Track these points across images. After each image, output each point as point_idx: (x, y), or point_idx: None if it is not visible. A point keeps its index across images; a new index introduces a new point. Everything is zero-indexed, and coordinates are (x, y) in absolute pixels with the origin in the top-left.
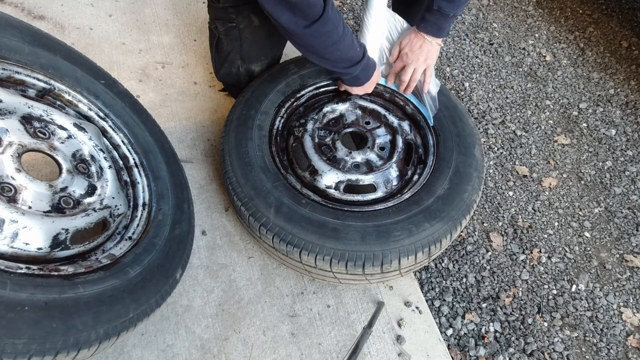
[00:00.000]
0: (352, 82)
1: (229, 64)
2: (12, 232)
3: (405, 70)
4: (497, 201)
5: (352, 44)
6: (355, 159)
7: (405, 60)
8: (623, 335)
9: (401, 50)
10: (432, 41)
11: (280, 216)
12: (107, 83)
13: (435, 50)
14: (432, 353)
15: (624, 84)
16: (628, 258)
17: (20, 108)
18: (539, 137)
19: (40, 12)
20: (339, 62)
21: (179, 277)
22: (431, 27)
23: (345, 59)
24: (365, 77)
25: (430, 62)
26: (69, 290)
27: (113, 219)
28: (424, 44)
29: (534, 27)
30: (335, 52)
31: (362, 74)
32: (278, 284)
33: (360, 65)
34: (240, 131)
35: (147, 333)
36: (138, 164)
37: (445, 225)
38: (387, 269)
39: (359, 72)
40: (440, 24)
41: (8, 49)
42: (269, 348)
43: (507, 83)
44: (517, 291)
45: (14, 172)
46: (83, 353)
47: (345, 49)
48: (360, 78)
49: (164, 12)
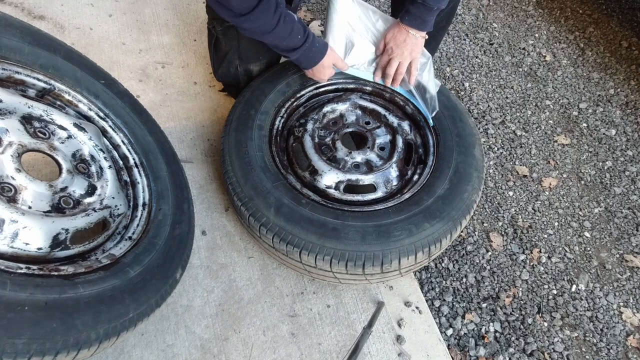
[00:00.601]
0: (299, 64)
1: (227, 63)
2: (12, 232)
3: (390, 64)
4: (497, 201)
5: (288, 34)
6: (355, 159)
7: (390, 54)
8: (623, 335)
9: (386, 45)
10: (416, 34)
11: (280, 216)
12: (107, 83)
13: (419, 44)
14: (432, 353)
15: (624, 84)
16: (628, 258)
17: (20, 108)
18: (539, 137)
19: (40, 12)
20: (277, 47)
21: (179, 277)
22: (415, 20)
23: (281, 46)
24: (308, 62)
25: (415, 56)
26: (69, 290)
27: (113, 219)
28: (408, 37)
29: (534, 27)
30: (270, 40)
31: (303, 59)
32: (278, 284)
33: (298, 52)
34: (240, 131)
35: (147, 333)
36: (138, 164)
37: (445, 225)
38: (387, 269)
39: (299, 56)
40: (424, 17)
41: (8, 49)
42: (269, 348)
43: (507, 83)
44: (517, 291)
45: (14, 172)
46: (83, 353)
47: (280, 38)
48: (302, 62)
49: (164, 12)
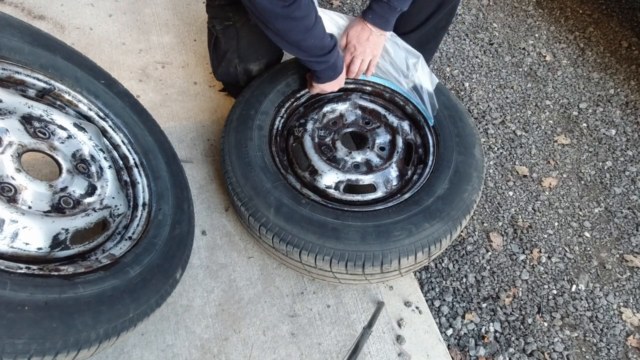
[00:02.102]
0: (328, 73)
1: (226, 62)
2: (12, 232)
3: (353, 62)
4: (497, 201)
5: (324, 33)
6: (355, 159)
7: (353, 52)
8: (623, 335)
9: (349, 42)
10: (378, 33)
11: (280, 216)
12: (107, 83)
13: (381, 42)
14: (432, 353)
15: (624, 84)
16: (628, 258)
17: (20, 108)
18: (539, 137)
19: (40, 12)
20: (313, 49)
21: (179, 277)
22: (379, 19)
23: (318, 47)
24: (341, 66)
25: (376, 53)
26: (69, 290)
27: (113, 219)
28: (371, 36)
29: (534, 27)
30: (309, 39)
31: (339, 62)
32: (278, 284)
33: (333, 53)
34: (240, 131)
35: (147, 333)
36: (138, 163)
37: (445, 225)
38: (387, 269)
39: (336, 60)
40: (387, 16)
41: (8, 49)
42: (269, 348)
43: (507, 83)
44: (517, 291)
45: (14, 172)
46: (83, 353)
47: (319, 36)
48: (338, 66)
49: (164, 12)
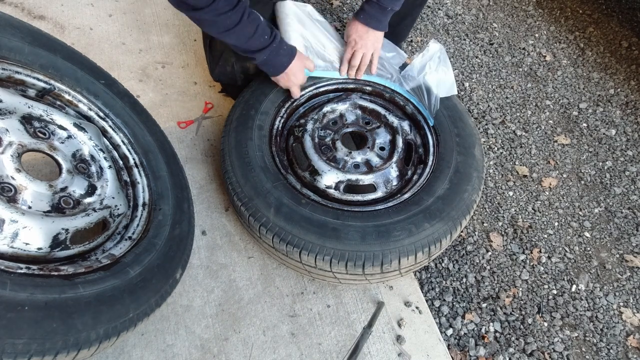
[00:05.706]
0: (267, 69)
1: (223, 62)
2: (12, 232)
3: (355, 56)
4: (497, 201)
5: (254, 33)
6: (355, 159)
7: (354, 47)
8: (623, 335)
9: (350, 38)
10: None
11: (280, 216)
12: (107, 83)
13: (380, 36)
14: (432, 353)
15: (624, 84)
16: (628, 258)
17: (20, 108)
18: (539, 137)
19: (40, 12)
20: (241, 48)
21: (179, 277)
22: (371, 19)
23: (244, 47)
24: (276, 67)
25: (378, 46)
26: (69, 290)
27: (113, 219)
28: (370, 30)
29: (534, 27)
30: (234, 38)
31: (271, 62)
32: (278, 284)
33: (265, 52)
34: (240, 131)
35: (147, 333)
36: (138, 163)
37: (445, 225)
38: (387, 269)
39: (267, 58)
40: (379, 17)
41: (8, 49)
42: (269, 348)
43: (507, 83)
44: (517, 291)
45: (14, 172)
46: (83, 353)
47: (245, 37)
48: (270, 66)
49: (164, 12)
